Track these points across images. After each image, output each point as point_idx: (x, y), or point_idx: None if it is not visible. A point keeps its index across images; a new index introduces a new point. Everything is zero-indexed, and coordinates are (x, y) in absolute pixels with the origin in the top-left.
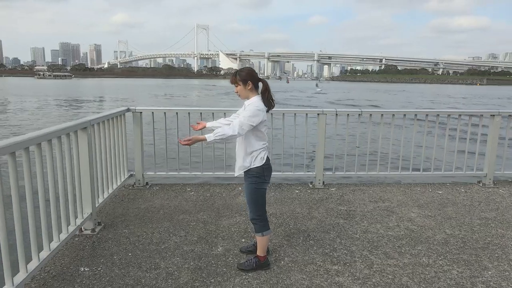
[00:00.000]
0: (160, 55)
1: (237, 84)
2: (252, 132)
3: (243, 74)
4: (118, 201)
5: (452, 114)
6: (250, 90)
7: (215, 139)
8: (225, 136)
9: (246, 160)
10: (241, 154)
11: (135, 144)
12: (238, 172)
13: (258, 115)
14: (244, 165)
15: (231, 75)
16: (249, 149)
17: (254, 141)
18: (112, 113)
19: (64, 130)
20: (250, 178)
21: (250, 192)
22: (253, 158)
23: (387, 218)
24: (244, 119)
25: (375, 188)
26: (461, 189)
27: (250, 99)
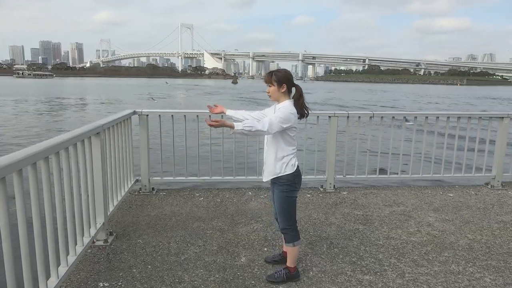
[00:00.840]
0: (144, 54)
1: (271, 85)
2: (282, 136)
3: (279, 75)
4: (126, 208)
5: (462, 116)
6: (283, 93)
7: (243, 130)
8: (253, 129)
9: (276, 166)
10: (271, 159)
11: (141, 148)
12: (267, 178)
13: (289, 119)
14: (275, 171)
15: (266, 74)
16: (280, 154)
17: (284, 146)
18: (121, 116)
19: (79, 137)
20: (280, 186)
21: (281, 201)
22: (283, 164)
23: (406, 223)
24: (275, 119)
25: (386, 191)
26: (471, 192)
27: (281, 102)
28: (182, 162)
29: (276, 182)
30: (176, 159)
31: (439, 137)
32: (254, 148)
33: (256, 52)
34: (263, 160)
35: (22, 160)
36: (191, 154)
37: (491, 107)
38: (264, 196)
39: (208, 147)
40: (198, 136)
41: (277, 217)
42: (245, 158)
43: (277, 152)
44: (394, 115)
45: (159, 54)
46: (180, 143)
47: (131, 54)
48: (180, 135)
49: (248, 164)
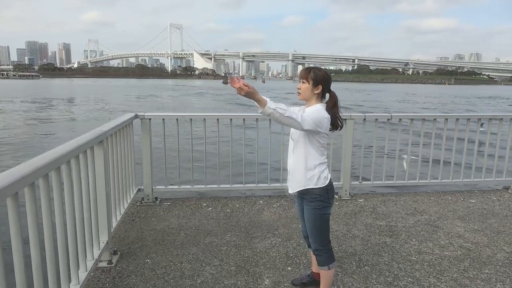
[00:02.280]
0: (133, 54)
1: (306, 81)
2: (313, 142)
3: (319, 74)
4: (129, 221)
5: (472, 118)
6: (315, 95)
7: (275, 111)
8: (286, 114)
9: (307, 177)
10: (301, 167)
11: (144, 155)
12: (295, 189)
13: (323, 123)
14: (305, 182)
15: (303, 70)
16: (311, 163)
17: (316, 153)
18: (123, 121)
19: (81, 147)
20: (312, 202)
21: (313, 219)
22: (315, 176)
23: (434, 234)
24: (309, 117)
25: (405, 197)
26: (492, 197)
27: (312, 105)
28: (187, 170)
29: (305, 197)
30: (180, 166)
31: (457, 141)
32: (265, 152)
33: (246, 52)
34: (288, 169)
35: (18, 181)
36: (196, 160)
37: (486, 106)
38: (277, 205)
39: (214, 154)
40: (205, 142)
41: (306, 234)
42: (255, 164)
43: (308, 160)
44: (413, 117)
45: (148, 55)
46: (185, 149)
47: (119, 55)
48: (185, 140)
49: (258, 170)
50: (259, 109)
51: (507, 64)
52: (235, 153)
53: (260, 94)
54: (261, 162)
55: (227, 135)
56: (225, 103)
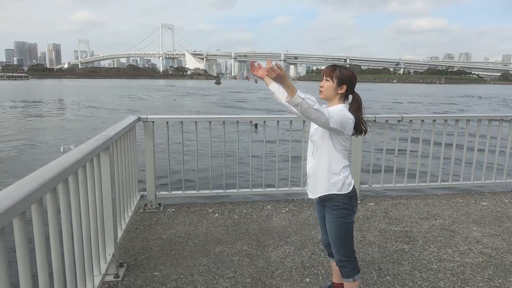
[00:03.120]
0: (124, 55)
1: (330, 80)
2: (335, 145)
3: (345, 73)
4: (133, 230)
5: (483, 118)
6: (339, 95)
7: (304, 101)
8: (315, 106)
9: (331, 181)
10: (324, 171)
11: (147, 160)
12: (317, 194)
13: (347, 124)
14: (329, 187)
15: (328, 67)
16: (335, 167)
17: (340, 157)
18: (128, 124)
19: (89, 155)
20: (335, 210)
21: (337, 228)
22: (340, 181)
23: (452, 240)
24: (335, 115)
25: (416, 201)
26: (504, 200)
27: (335, 105)
28: (191, 174)
29: (327, 204)
30: (184, 171)
31: (467, 142)
32: (272, 156)
33: (238, 52)
34: (308, 173)
35: (25, 198)
36: (201, 165)
37: (483, 106)
38: (286, 210)
39: (220, 157)
40: (211, 145)
41: (327, 243)
42: (262, 168)
43: (332, 164)
44: (424, 118)
45: (139, 55)
46: (189, 152)
47: (110, 55)
48: (188, 143)
49: (266, 174)
50: (286, 97)
51: (496, 64)
52: (240, 157)
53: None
54: (268, 166)
55: (231, 138)
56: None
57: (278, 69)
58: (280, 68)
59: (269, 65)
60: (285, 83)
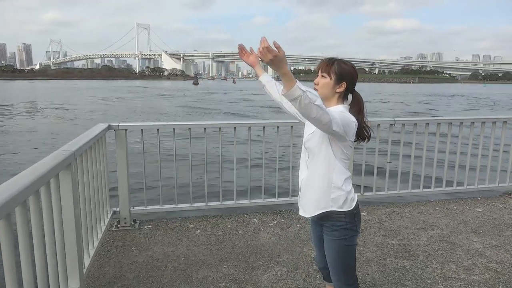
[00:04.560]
0: (98, 55)
1: (327, 75)
2: (336, 153)
3: (344, 68)
4: (104, 252)
5: (476, 121)
6: (337, 94)
7: (304, 94)
8: (317, 102)
9: (331, 197)
10: (323, 184)
11: (119, 172)
12: (313, 213)
13: (350, 128)
14: (329, 205)
15: (324, 61)
16: (337, 178)
17: (342, 167)
18: (95, 135)
19: (42, 179)
20: (336, 230)
21: (338, 252)
22: (342, 196)
23: (453, 253)
24: (337, 116)
25: (409, 209)
26: (497, 205)
27: (332, 106)
28: (170, 187)
29: (326, 224)
30: (162, 183)
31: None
32: (257, 163)
33: (216, 53)
34: (300, 185)
35: None
36: (180, 176)
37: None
38: (274, 223)
39: (201, 167)
40: (190, 153)
41: (322, 265)
42: (247, 177)
43: (332, 175)
44: (417, 121)
45: (114, 55)
46: (166, 163)
47: (84, 55)
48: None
49: (251, 184)
50: (284, 88)
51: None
52: (224, 166)
53: None
54: (254, 175)
55: (213, 148)
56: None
57: (276, 50)
58: (279, 49)
59: (264, 43)
60: (282, 70)
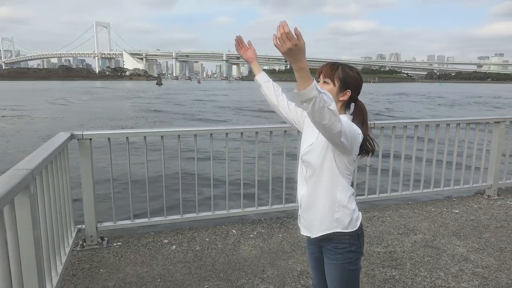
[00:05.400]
0: (55, 54)
1: (330, 82)
2: (340, 168)
3: (350, 75)
4: (69, 277)
5: (451, 123)
6: (340, 102)
7: (320, 95)
8: (331, 107)
9: (335, 216)
10: (325, 202)
11: (84, 186)
12: (316, 233)
13: (356, 141)
14: (333, 225)
15: (327, 65)
16: (342, 196)
17: (346, 184)
18: (56, 147)
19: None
20: (340, 254)
21: (341, 277)
22: (347, 216)
23: (439, 259)
24: (346, 126)
25: (389, 212)
26: (473, 205)
27: None
28: (141, 199)
29: (327, 246)
30: (133, 195)
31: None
32: (235, 170)
33: (179, 52)
34: (300, 203)
35: None
36: (153, 187)
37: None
38: (254, 234)
39: (175, 177)
40: (163, 162)
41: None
42: (225, 185)
43: (337, 192)
44: (395, 124)
45: (72, 55)
46: (137, 174)
47: (40, 55)
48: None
49: (230, 193)
50: (296, 87)
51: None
52: (200, 175)
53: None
54: (232, 184)
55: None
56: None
57: (298, 36)
58: (299, 37)
59: (284, 28)
60: (300, 63)
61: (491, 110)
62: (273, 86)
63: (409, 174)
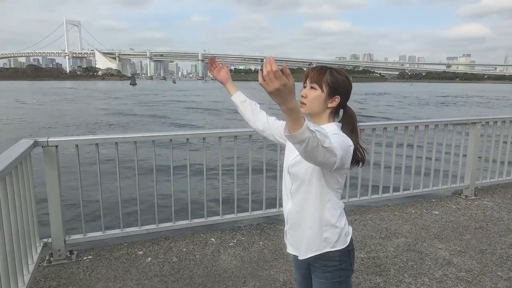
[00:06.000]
0: (23, 54)
1: (317, 87)
2: (329, 183)
3: (339, 78)
4: None
5: (430, 124)
6: (328, 109)
7: (313, 135)
8: (326, 144)
9: (324, 236)
10: (312, 222)
11: (51, 197)
12: (305, 255)
13: (349, 155)
14: (321, 244)
15: (314, 69)
16: (331, 214)
17: (336, 200)
18: (17, 156)
19: None
20: (329, 272)
21: None
22: (335, 234)
23: (423, 263)
24: (338, 146)
25: (369, 215)
26: (451, 206)
27: (323, 124)
28: (113, 208)
29: (316, 264)
30: (104, 205)
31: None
32: (212, 176)
33: (154, 52)
34: (286, 218)
35: None
36: (125, 196)
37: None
38: (234, 242)
39: (149, 185)
40: (137, 169)
41: None
42: (203, 192)
43: (325, 211)
44: (375, 126)
45: (41, 54)
46: (108, 181)
47: (6, 54)
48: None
49: (208, 200)
50: (286, 129)
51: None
52: (176, 181)
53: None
54: (209, 190)
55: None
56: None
57: (287, 75)
58: (288, 76)
59: (271, 66)
60: (289, 104)
61: (460, 109)
62: (250, 105)
63: (389, 176)
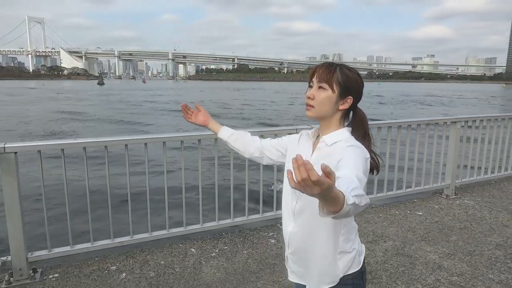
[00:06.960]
0: None
1: (327, 87)
2: None
3: (351, 77)
4: None
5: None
6: (339, 112)
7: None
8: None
9: (338, 264)
10: (327, 251)
11: (9, 209)
12: (318, 285)
13: (368, 170)
14: (335, 273)
15: (322, 67)
16: (345, 240)
17: (350, 221)
18: None
19: None
20: None
21: None
22: (350, 260)
23: (414, 268)
24: (360, 175)
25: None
26: (434, 206)
27: (333, 130)
28: (82, 220)
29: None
30: (72, 217)
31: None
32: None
33: (122, 51)
34: (288, 242)
35: None
36: (95, 205)
37: None
38: (216, 252)
39: (122, 194)
40: (108, 176)
41: None
42: (182, 199)
43: (338, 236)
44: None
45: (1, 52)
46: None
47: None
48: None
49: (187, 208)
50: (323, 211)
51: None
52: (152, 189)
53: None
54: (188, 198)
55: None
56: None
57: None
58: (329, 175)
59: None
60: (331, 194)
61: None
62: (240, 136)
63: (372, 177)
